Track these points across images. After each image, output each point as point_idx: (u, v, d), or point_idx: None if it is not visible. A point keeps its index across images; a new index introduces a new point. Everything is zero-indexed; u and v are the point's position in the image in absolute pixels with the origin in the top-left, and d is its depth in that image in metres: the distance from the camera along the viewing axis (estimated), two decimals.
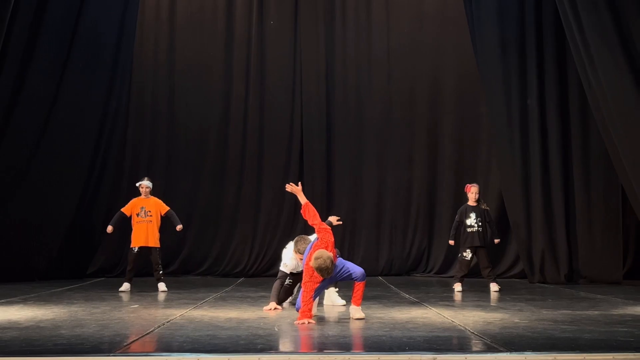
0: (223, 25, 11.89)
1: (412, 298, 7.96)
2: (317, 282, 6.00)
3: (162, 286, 9.00)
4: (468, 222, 8.97)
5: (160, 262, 9.18)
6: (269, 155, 11.78)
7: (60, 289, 8.82)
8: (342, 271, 6.12)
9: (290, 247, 7.07)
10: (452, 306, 7.18)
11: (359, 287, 6.17)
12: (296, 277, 7.15)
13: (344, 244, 11.52)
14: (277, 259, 11.30)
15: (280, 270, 7.11)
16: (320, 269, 5.79)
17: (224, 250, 11.58)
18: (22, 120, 9.80)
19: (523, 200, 10.13)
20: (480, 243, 8.91)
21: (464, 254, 8.98)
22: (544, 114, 10.20)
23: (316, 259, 5.80)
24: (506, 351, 4.59)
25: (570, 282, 9.91)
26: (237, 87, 11.85)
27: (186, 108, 11.77)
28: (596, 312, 6.61)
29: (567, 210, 10.13)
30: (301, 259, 6.65)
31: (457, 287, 8.93)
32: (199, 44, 11.84)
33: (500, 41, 10.21)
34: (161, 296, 8.35)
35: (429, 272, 11.55)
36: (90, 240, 10.85)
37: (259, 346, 4.82)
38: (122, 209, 9.23)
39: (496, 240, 9.21)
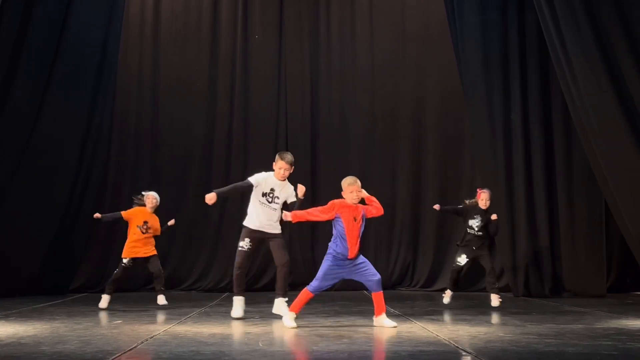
0: (208, 42, 11.90)
1: (397, 312, 7.95)
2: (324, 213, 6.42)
3: (161, 299, 8.47)
4: (471, 222, 8.62)
5: (161, 269, 8.62)
6: (254, 172, 11.71)
7: (42, 305, 8.73)
8: (357, 266, 6.50)
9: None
10: (437, 320, 7.17)
11: (376, 297, 6.66)
12: (255, 235, 7.16)
13: None
14: (262, 273, 11.33)
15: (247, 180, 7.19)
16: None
17: (208, 265, 11.53)
18: (4, 137, 9.72)
19: (507, 214, 10.17)
20: (477, 247, 8.54)
21: (458, 259, 8.64)
22: (527, 129, 10.28)
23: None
24: None
25: (554, 296, 9.94)
26: (222, 103, 11.85)
27: (170, 124, 11.73)
28: (580, 326, 6.63)
29: (551, 223, 10.19)
30: (286, 170, 7.11)
31: (446, 297, 8.72)
32: (183, 60, 11.83)
33: (484, 58, 10.29)
34: (159, 309, 8.23)
35: (414, 286, 11.55)
36: (73, 256, 10.75)
37: None
38: (122, 212, 8.64)
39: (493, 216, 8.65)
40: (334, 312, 8.08)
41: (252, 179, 7.14)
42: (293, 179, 11.72)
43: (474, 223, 8.63)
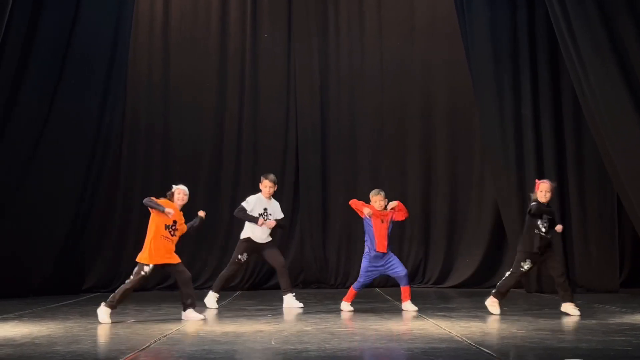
0: (216, 41, 11.91)
1: (409, 309, 7.94)
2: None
3: (192, 315, 7.10)
4: (539, 223, 7.39)
5: (190, 278, 7.24)
6: (264, 170, 11.72)
7: (55, 305, 8.78)
8: (389, 263, 7.87)
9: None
10: (450, 317, 7.16)
11: (406, 289, 7.90)
12: (251, 247, 8.37)
13: (340, 256, 11.52)
14: (273, 272, 11.33)
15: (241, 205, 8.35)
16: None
17: (220, 264, 11.52)
18: (15, 139, 9.77)
19: (518, 210, 10.11)
20: (543, 252, 7.41)
21: (523, 264, 7.41)
22: (538, 124, 10.22)
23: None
24: None
25: None
26: (231, 102, 11.86)
27: (180, 124, 11.75)
28: (593, 321, 6.61)
29: (563, 218, 10.11)
30: (270, 187, 8.36)
31: (495, 305, 7.38)
32: (193, 60, 11.84)
33: (494, 53, 10.23)
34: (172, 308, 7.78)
35: (425, 283, 11.53)
36: (85, 255, 10.80)
37: None
38: (161, 200, 7.12)
39: (558, 227, 7.58)
40: (341, 310, 8.08)
41: (245, 204, 8.42)
42: (303, 179, 11.85)
43: (543, 223, 7.42)
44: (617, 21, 8.40)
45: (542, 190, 7.50)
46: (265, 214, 8.38)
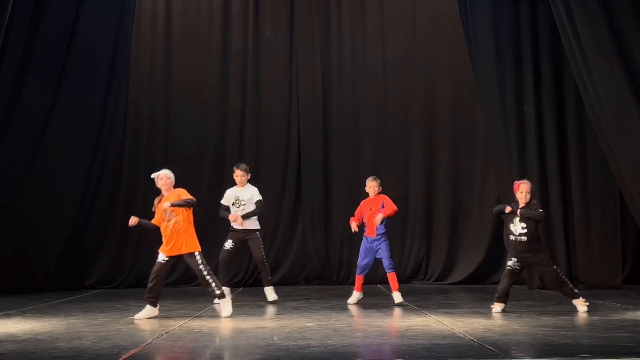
0: (219, 38, 11.90)
1: (411, 306, 7.96)
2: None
3: (225, 306, 7.14)
4: (511, 227, 7.36)
5: (203, 268, 7.18)
6: (266, 167, 11.77)
7: (57, 301, 8.80)
8: (378, 248, 8.24)
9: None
10: (452, 313, 7.17)
11: (390, 276, 8.18)
12: (236, 235, 8.62)
13: (343, 252, 11.51)
14: (276, 268, 11.35)
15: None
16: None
17: None
18: (18, 136, 9.77)
19: None
20: (526, 255, 7.28)
21: (509, 262, 7.37)
22: (540, 120, 10.22)
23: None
24: (506, 358, 4.58)
25: None
26: (234, 99, 11.85)
27: (183, 121, 11.74)
28: (596, 318, 6.61)
29: (565, 216, 10.13)
30: (242, 176, 8.63)
31: (497, 306, 7.32)
32: (195, 57, 11.83)
33: (496, 49, 10.22)
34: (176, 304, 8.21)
35: (427, 280, 11.54)
36: (88, 252, 10.81)
37: (257, 356, 4.81)
38: (153, 221, 7.31)
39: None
40: (348, 305, 8.10)
41: (223, 201, 8.84)
42: (305, 176, 11.84)
43: (514, 227, 7.34)
44: (620, 17, 8.39)
45: (522, 192, 7.40)
46: (237, 202, 8.69)
